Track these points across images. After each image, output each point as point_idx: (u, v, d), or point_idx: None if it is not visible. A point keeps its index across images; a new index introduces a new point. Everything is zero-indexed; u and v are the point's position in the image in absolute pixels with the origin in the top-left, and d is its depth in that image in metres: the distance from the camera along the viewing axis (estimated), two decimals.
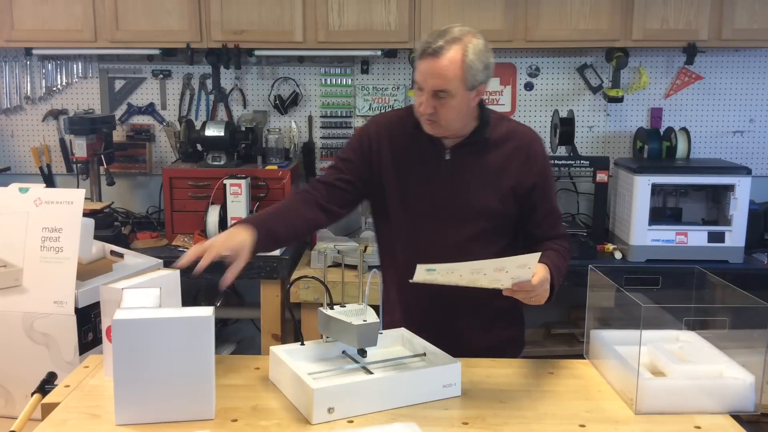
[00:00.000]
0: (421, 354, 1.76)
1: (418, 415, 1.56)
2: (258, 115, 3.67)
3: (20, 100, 3.71)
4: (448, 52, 1.76)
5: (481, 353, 1.87)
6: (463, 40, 1.78)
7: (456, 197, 1.93)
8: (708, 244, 3.15)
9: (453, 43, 1.77)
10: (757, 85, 3.63)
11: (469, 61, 1.78)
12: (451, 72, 1.77)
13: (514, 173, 1.93)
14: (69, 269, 2.04)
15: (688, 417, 1.56)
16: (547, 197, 1.99)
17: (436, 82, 1.78)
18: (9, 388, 2.07)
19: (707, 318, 1.82)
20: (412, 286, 1.85)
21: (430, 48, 1.76)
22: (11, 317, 2.05)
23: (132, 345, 1.48)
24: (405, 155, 1.95)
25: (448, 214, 1.94)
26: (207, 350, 1.51)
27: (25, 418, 1.58)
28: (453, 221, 1.94)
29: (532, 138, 1.99)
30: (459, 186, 1.93)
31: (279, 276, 3.11)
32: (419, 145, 1.93)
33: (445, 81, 1.78)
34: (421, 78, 1.80)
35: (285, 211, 1.93)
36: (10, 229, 2.11)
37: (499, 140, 1.94)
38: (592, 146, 3.68)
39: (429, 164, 1.93)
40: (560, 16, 3.26)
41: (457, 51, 1.77)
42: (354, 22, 3.28)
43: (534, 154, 1.96)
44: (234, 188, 3.17)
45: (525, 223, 1.99)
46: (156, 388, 1.49)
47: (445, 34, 1.78)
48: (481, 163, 1.93)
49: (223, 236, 1.79)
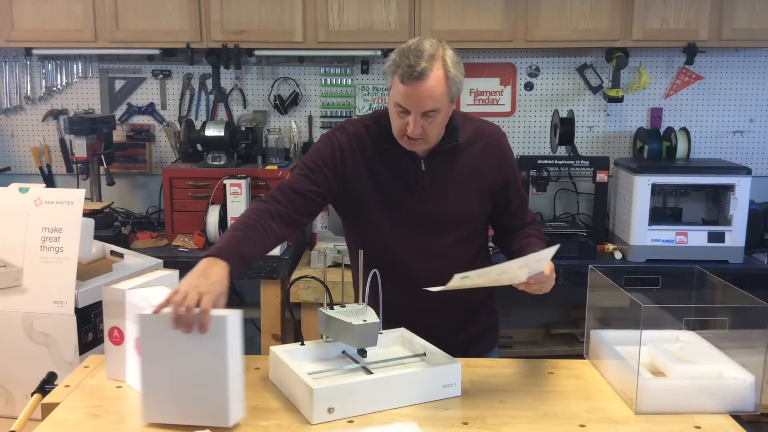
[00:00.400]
0: (421, 354, 1.76)
1: (418, 415, 1.56)
2: (258, 115, 3.67)
3: (20, 100, 3.71)
4: (432, 71, 1.73)
5: (460, 346, 1.88)
6: (439, 54, 1.75)
7: (437, 206, 1.93)
8: (708, 244, 3.15)
9: (433, 61, 1.73)
10: (757, 85, 3.63)
11: (452, 75, 1.77)
12: (438, 91, 1.75)
13: (488, 173, 1.95)
14: (69, 269, 2.04)
15: (688, 417, 1.56)
16: (519, 189, 2.03)
17: (427, 104, 1.75)
18: (9, 388, 2.07)
19: (707, 318, 1.82)
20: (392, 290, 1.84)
21: (414, 71, 1.71)
22: (11, 317, 2.05)
23: (159, 341, 1.46)
24: (379, 167, 1.92)
25: (430, 222, 1.94)
26: (235, 350, 1.48)
27: (25, 418, 1.58)
28: (435, 229, 1.94)
29: (498, 134, 2.00)
30: (438, 194, 1.93)
31: (279, 276, 3.11)
32: (393, 157, 1.91)
33: (435, 101, 1.76)
34: (410, 102, 1.75)
35: (257, 230, 1.78)
36: (10, 229, 2.11)
37: (468, 142, 1.94)
38: (592, 146, 3.68)
39: (406, 176, 1.92)
40: (560, 16, 3.26)
41: (439, 68, 1.74)
42: (354, 22, 3.28)
43: (503, 150, 1.99)
44: (234, 188, 3.18)
45: (500, 216, 2.02)
46: (184, 387, 1.47)
47: (422, 54, 1.73)
48: (456, 168, 1.93)
49: (195, 278, 1.58)
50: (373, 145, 1.93)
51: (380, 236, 1.96)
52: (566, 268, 3.05)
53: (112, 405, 1.60)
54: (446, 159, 1.92)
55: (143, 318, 1.47)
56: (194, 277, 1.57)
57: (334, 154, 1.92)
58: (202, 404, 1.48)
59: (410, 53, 1.74)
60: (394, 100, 1.79)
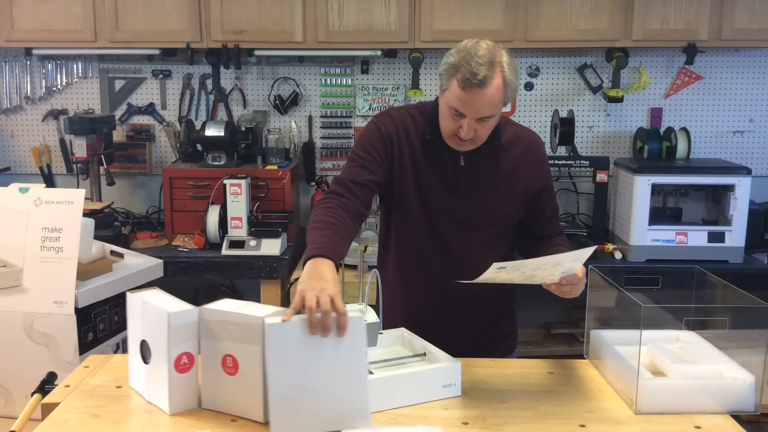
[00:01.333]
0: (421, 354, 1.76)
1: (418, 415, 1.56)
2: (258, 115, 3.67)
3: (20, 100, 3.71)
4: (493, 79, 1.72)
5: (479, 350, 1.89)
6: (498, 60, 1.74)
7: (470, 203, 1.93)
8: (708, 244, 3.15)
9: (493, 68, 1.72)
10: (757, 85, 3.63)
11: (509, 82, 1.76)
12: (497, 98, 1.75)
13: (524, 178, 1.95)
14: (69, 269, 2.04)
15: (688, 417, 1.56)
16: (552, 199, 2.04)
17: (484, 111, 1.76)
18: (9, 388, 2.07)
19: (707, 318, 1.82)
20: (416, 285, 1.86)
21: (476, 79, 1.70)
22: (11, 317, 2.05)
23: (289, 350, 1.43)
24: (422, 158, 1.93)
25: (461, 219, 1.94)
26: (358, 351, 1.48)
27: (25, 418, 1.58)
28: (465, 226, 1.94)
29: (537, 141, 2.01)
30: (473, 192, 1.93)
31: (279, 276, 3.11)
32: (434, 149, 1.92)
33: (492, 108, 1.76)
34: (468, 108, 1.75)
35: (342, 228, 1.76)
36: (10, 229, 2.11)
37: (508, 145, 1.94)
38: (592, 146, 3.68)
39: (446, 170, 1.92)
40: (560, 16, 3.26)
41: (498, 76, 1.73)
42: (354, 22, 3.28)
43: (540, 158, 1.99)
44: (234, 188, 3.17)
45: (531, 223, 2.01)
46: (317, 393, 1.45)
47: (482, 60, 1.72)
48: (494, 168, 1.93)
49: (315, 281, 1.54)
50: (417, 136, 1.93)
51: (412, 228, 1.96)
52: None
53: (112, 405, 1.60)
54: (486, 158, 1.92)
55: (271, 328, 1.42)
56: (313, 281, 1.52)
57: (384, 141, 1.92)
58: (340, 408, 1.47)
59: (471, 59, 1.72)
60: (449, 103, 1.78)
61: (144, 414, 1.56)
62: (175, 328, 1.52)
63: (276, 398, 1.44)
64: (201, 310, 1.54)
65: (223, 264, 3.12)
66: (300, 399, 1.45)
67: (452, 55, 1.78)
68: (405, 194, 1.94)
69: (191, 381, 1.56)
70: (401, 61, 3.60)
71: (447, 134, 1.85)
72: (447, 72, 1.78)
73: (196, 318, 1.54)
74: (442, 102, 1.83)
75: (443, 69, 1.80)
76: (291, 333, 1.43)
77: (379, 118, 1.96)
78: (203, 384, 1.57)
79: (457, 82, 1.74)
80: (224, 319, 1.51)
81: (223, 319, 1.52)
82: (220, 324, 1.52)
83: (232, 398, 1.53)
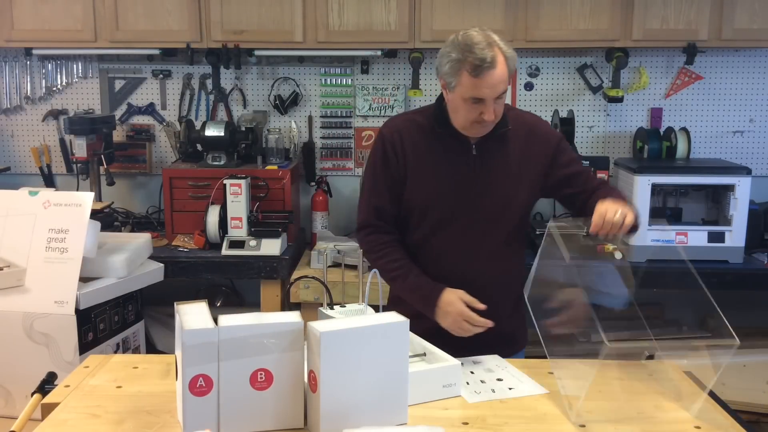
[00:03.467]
0: (421, 354, 1.76)
1: (418, 415, 1.56)
2: (258, 115, 3.67)
3: (20, 100, 3.71)
4: (498, 57, 1.81)
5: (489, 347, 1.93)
6: (492, 40, 1.83)
7: (487, 190, 1.96)
8: (708, 244, 3.14)
9: (492, 48, 1.81)
10: (757, 85, 3.63)
11: (509, 54, 1.85)
12: (506, 73, 1.84)
13: (533, 158, 1.99)
14: (72, 270, 2.05)
15: (688, 417, 1.56)
16: (571, 158, 2.05)
17: (500, 88, 1.83)
18: (9, 388, 2.07)
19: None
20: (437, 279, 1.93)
21: (485, 63, 1.78)
22: (11, 317, 2.05)
23: (340, 356, 1.45)
24: (430, 156, 1.97)
25: (482, 207, 1.97)
26: (403, 354, 1.52)
27: (25, 418, 1.59)
28: (486, 215, 1.97)
29: (538, 120, 2.08)
30: (489, 179, 1.96)
31: (279, 276, 3.11)
32: (443, 144, 1.96)
33: (505, 83, 1.85)
34: (487, 92, 1.82)
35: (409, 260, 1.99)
36: (17, 230, 2.12)
37: (514, 129, 1.99)
38: (592, 146, 3.68)
39: (457, 161, 1.96)
40: (560, 16, 3.26)
41: (500, 53, 1.82)
42: (354, 22, 3.28)
43: (546, 135, 2.04)
44: (234, 188, 3.17)
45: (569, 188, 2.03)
46: (359, 397, 1.48)
47: (480, 44, 1.80)
48: (505, 154, 1.98)
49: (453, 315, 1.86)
50: (421, 135, 1.98)
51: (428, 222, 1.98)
52: None
53: (112, 405, 1.60)
54: (495, 144, 1.97)
55: (326, 336, 1.43)
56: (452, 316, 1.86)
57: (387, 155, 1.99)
58: (381, 405, 1.50)
59: (472, 47, 1.80)
60: (465, 95, 1.84)
61: (144, 414, 1.56)
62: (191, 348, 1.41)
63: (327, 401, 1.45)
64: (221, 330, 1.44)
65: (223, 264, 3.12)
66: (348, 399, 1.46)
67: (450, 53, 1.84)
68: (416, 192, 1.98)
69: (210, 406, 1.45)
70: (401, 61, 3.60)
71: (466, 125, 1.90)
72: (452, 69, 1.83)
73: (216, 338, 1.43)
74: (455, 97, 1.87)
75: (447, 68, 1.85)
76: (343, 340, 1.45)
77: (382, 134, 2.02)
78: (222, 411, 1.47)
79: (468, 73, 1.81)
80: (257, 333, 1.46)
81: (253, 333, 1.46)
82: (247, 340, 1.45)
83: (264, 413, 1.49)
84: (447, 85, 1.88)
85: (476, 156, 1.96)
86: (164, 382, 1.72)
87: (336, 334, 1.44)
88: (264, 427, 1.49)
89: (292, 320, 1.49)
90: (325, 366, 1.43)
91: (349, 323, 1.48)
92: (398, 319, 1.52)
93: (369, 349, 1.47)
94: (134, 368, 1.80)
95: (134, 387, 1.70)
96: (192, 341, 1.42)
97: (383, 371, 1.49)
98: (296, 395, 1.50)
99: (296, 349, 1.48)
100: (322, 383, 1.43)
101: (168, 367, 1.80)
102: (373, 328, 1.48)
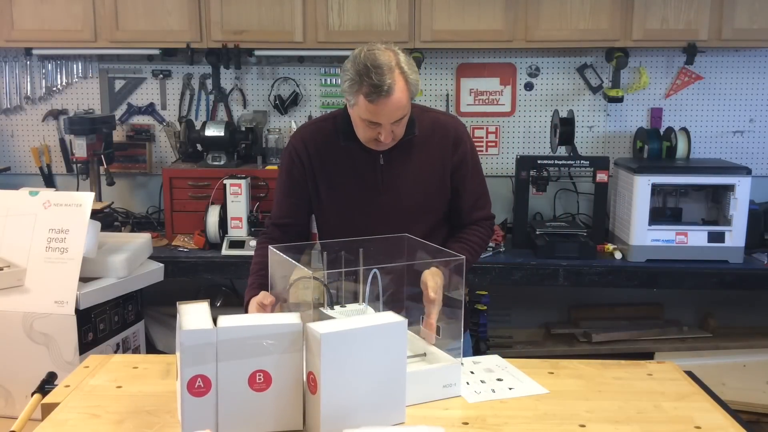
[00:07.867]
0: (421, 354, 1.76)
1: (418, 415, 1.56)
2: (258, 115, 3.67)
3: (20, 100, 3.71)
4: (397, 83, 1.75)
5: None
6: (394, 63, 1.77)
7: (398, 200, 1.95)
8: (708, 244, 3.15)
9: (393, 73, 1.75)
10: (757, 85, 3.63)
11: (411, 80, 1.79)
12: (404, 100, 1.78)
13: (446, 163, 1.96)
14: (72, 270, 2.05)
15: (688, 417, 1.56)
16: (471, 180, 2.01)
17: (397, 115, 1.79)
18: (9, 388, 2.07)
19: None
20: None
21: (382, 91, 1.73)
22: (11, 317, 2.05)
23: (340, 358, 1.44)
24: (337, 166, 1.95)
25: (390, 215, 1.94)
26: (401, 353, 1.51)
27: (25, 418, 1.58)
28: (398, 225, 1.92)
29: (455, 124, 2.02)
30: (398, 188, 1.94)
31: None
32: (351, 154, 1.94)
33: (403, 110, 1.80)
34: (381, 117, 1.78)
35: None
36: (18, 230, 2.12)
37: (426, 134, 1.96)
38: (592, 146, 3.68)
39: (365, 172, 1.94)
40: (560, 16, 3.26)
41: (400, 77, 1.76)
42: (354, 22, 3.28)
43: (458, 139, 1.98)
44: (234, 188, 3.18)
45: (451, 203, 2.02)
46: (358, 398, 1.47)
47: (381, 69, 1.74)
48: (414, 160, 1.95)
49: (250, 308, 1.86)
50: (329, 144, 1.95)
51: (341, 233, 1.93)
52: (566, 268, 3.05)
53: (112, 405, 1.60)
54: (403, 152, 1.94)
55: (326, 337, 1.42)
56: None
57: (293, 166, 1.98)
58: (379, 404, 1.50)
59: (370, 71, 1.74)
60: (361, 116, 1.81)
61: (144, 414, 1.56)
62: (189, 348, 1.40)
63: (327, 403, 1.44)
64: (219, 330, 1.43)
65: (223, 264, 3.12)
66: (347, 400, 1.46)
67: (349, 71, 1.81)
68: (323, 200, 1.97)
69: (208, 407, 1.44)
70: None
71: (366, 141, 1.88)
72: (350, 89, 1.80)
73: (214, 339, 1.42)
74: (354, 114, 1.85)
75: (345, 86, 1.82)
76: (344, 341, 1.44)
77: (289, 144, 2.01)
78: (221, 412, 1.45)
79: (364, 97, 1.76)
80: (255, 334, 1.45)
81: (252, 334, 1.45)
82: (246, 341, 1.45)
83: (263, 415, 1.48)
84: (347, 101, 1.85)
85: (384, 166, 1.93)
86: (164, 382, 1.71)
87: (336, 335, 1.44)
88: (263, 428, 1.49)
89: (291, 321, 1.49)
90: (325, 367, 1.42)
91: (348, 324, 1.47)
92: (397, 318, 1.52)
93: (369, 349, 1.47)
94: (134, 368, 1.80)
95: (134, 387, 1.70)
96: (190, 342, 1.41)
97: (382, 371, 1.49)
98: (295, 397, 1.50)
99: (295, 351, 1.47)
100: (323, 385, 1.43)
101: (168, 367, 1.80)
102: (373, 329, 1.48)
